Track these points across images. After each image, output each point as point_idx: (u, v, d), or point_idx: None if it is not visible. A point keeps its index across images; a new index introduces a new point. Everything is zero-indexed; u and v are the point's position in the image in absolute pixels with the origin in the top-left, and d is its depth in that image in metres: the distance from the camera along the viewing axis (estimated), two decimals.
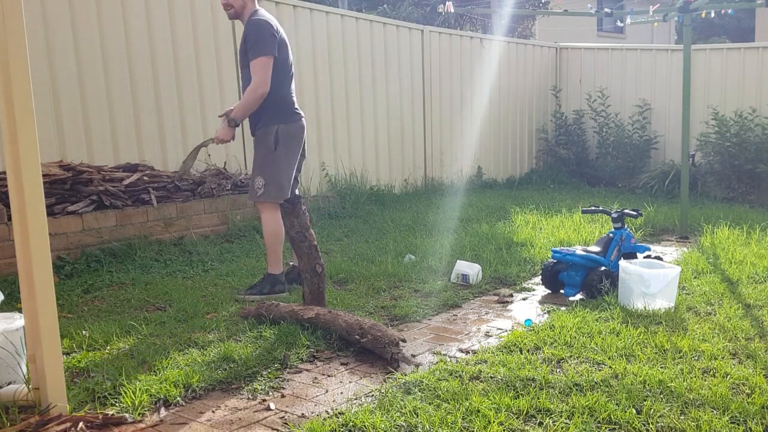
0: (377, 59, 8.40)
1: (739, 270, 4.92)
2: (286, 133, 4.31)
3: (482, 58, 9.92)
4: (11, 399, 2.56)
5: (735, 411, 2.60)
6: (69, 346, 3.27)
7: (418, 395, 2.75)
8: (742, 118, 9.18)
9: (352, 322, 3.40)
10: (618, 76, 10.63)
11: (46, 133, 5.43)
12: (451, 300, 4.33)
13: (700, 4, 6.47)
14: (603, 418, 2.54)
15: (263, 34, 4.11)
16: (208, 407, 2.76)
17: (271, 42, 4.12)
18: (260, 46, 4.09)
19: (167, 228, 5.58)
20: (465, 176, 9.70)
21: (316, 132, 7.73)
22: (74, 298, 4.27)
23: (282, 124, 4.30)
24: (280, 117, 4.29)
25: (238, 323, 3.69)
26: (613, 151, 10.44)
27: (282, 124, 4.30)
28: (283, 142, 4.30)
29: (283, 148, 4.31)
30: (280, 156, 4.31)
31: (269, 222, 4.36)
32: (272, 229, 4.37)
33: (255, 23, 4.15)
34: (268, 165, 4.30)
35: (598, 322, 3.72)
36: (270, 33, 4.13)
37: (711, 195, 9.31)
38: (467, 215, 7.30)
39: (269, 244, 4.39)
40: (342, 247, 5.89)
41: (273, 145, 4.27)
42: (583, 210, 5.20)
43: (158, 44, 6.24)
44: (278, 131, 4.28)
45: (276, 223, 4.35)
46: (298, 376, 3.09)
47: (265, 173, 4.30)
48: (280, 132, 4.29)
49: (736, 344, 3.40)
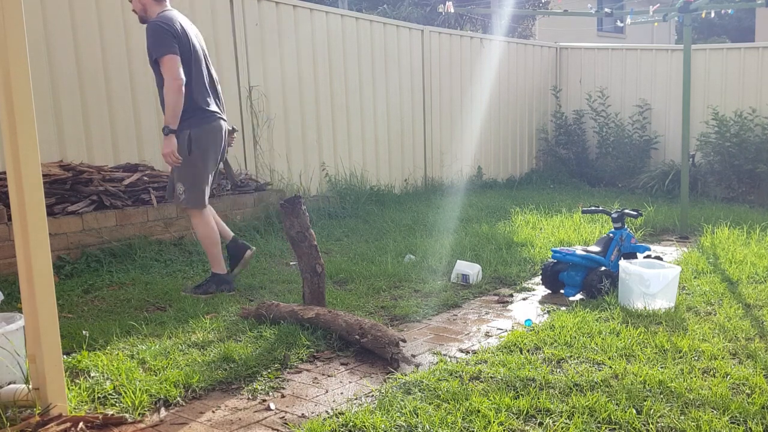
0: (377, 59, 8.40)
1: (739, 270, 4.91)
2: (199, 136, 4.23)
3: (482, 58, 9.92)
4: (11, 399, 2.56)
5: (735, 411, 2.60)
6: (69, 346, 3.27)
7: (418, 395, 2.75)
8: (742, 118, 9.18)
9: (352, 322, 3.40)
10: (618, 76, 10.63)
11: (46, 133, 5.43)
12: (451, 300, 4.33)
13: (700, 4, 6.47)
14: (603, 418, 2.54)
15: (159, 34, 4.03)
16: (208, 407, 2.76)
17: (170, 41, 4.04)
18: (159, 46, 4.03)
19: (167, 228, 5.58)
20: (465, 176, 9.70)
21: (316, 132, 7.73)
22: (74, 298, 4.27)
23: (194, 128, 4.21)
24: (191, 121, 4.20)
25: (238, 323, 3.69)
26: (613, 151, 10.43)
27: (194, 128, 4.21)
28: (197, 146, 4.22)
29: (198, 151, 4.23)
30: (196, 160, 4.24)
31: (198, 226, 4.37)
32: (203, 233, 4.38)
33: (150, 26, 4.10)
34: (187, 170, 4.24)
35: (598, 322, 3.72)
36: (167, 32, 4.05)
37: (711, 195, 9.31)
38: (467, 215, 7.30)
39: (205, 247, 4.42)
40: (342, 247, 5.89)
41: (187, 150, 4.19)
42: (583, 210, 5.21)
43: None
44: (190, 135, 4.20)
45: (206, 226, 4.36)
46: (298, 376, 3.09)
47: (184, 179, 4.26)
48: (192, 136, 4.20)
49: (736, 344, 3.40)
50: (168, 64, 4.03)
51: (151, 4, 4.19)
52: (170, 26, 4.08)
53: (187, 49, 4.17)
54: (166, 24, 4.08)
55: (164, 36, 4.04)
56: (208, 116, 4.29)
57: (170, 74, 4.03)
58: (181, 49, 4.10)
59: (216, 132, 4.33)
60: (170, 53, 4.03)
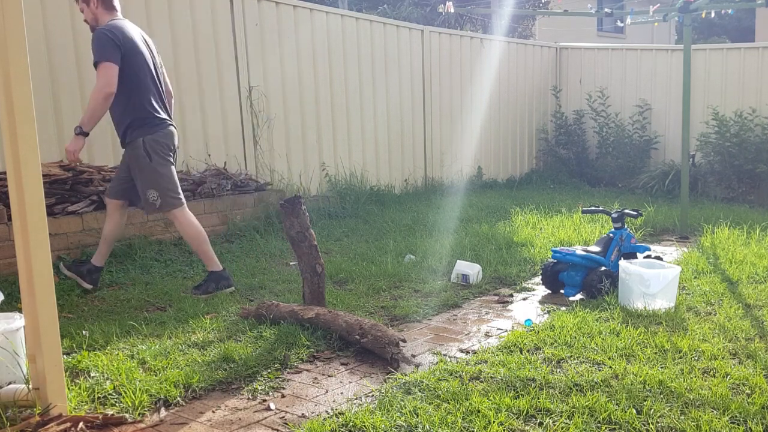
0: (377, 59, 8.40)
1: (739, 270, 4.91)
2: (154, 142, 4.24)
3: (482, 58, 9.92)
4: (11, 399, 2.56)
5: (735, 411, 2.60)
6: (69, 346, 3.27)
7: (418, 395, 2.75)
8: (742, 118, 9.18)
9: (352, 322, 3.40)
10: (618, 76, 10.63)
11: (46, 133, 5.43)
12: (451, 300, 4.33)
13: (700, 4, 6.47)
14: (603, 418, 2.54)
15: (101, 41, 4.03)
16: (208, 407, 2.76)
17: (112, 49, 4.04)
18: (100, 53, 4.02)
19: (167, 228, 5.58)
20: (465, 176, 9.70)
21: (316, 132, 7.73)
22: (74, 298, 4.27)
23: (147, 134, 4.22)
24: (143, 129, 4.21)
25: (238, 323, 3.69)
26: (613, 151, 10.43)
27: (147, 134, 4.22)
28: (154, 151, 4.24)
29: (157, 156, 4.25)
30: (158, 165, 4.25)
31: (184, 226, 4.36)
32: (190, 233, 4.37)
33: (96, 34, 4.10)
34: (153, 176, 4.25)
35: (598, 322, 3.72)
36: (110, 40, 4.04)
37: (711, 195, 9.31)
38: (467, 215, 7.30)
39: (195, 247, 4.41)
40: (342, 247, 5.89)
41: (146, 156, 4.21)
42: (583, 210, 5.21)
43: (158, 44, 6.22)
44: (145, 143, 4.21)
45: (191, 226, 4.36)
46: (298, 376, 3.09)
47: (154, 185, 4.26)
48: (147, 143, 4.22)
49: (736, 344, 3.40)
50: (103, 71, 4.02)
51: (102, 14, 4.20)
52: (114, 35, 4.08)
53: (135, 59, 4.17)
54: (110, 32, 4.07)
55: (106, 43, 4.03)
56: (159, 123, 4.29)
57: (103, 81, 4.02)
58: (126, 57, 4.10)
59: (169, 137, 4.34)
60: (108, 61, 4.02)
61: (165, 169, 4.29)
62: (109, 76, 4.02)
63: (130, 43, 4.14)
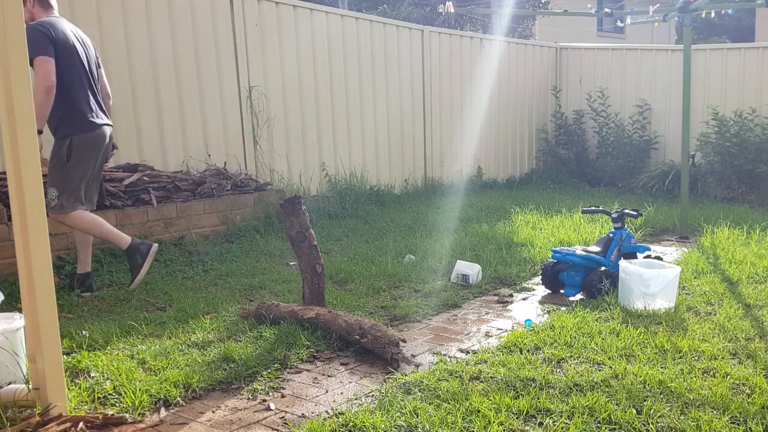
0: (377, 59, 8.40)
1: (739, 270, 4.92)
2: (81, 144, 4.21)
3: (482, 58, 9.92)
4: (11, 399, 2.56)
5: (735, 411, 2.60)
6: (69, 346, 3.27)
7: (418, 395, 2.75)
8: (742, 118, 9.18)
9: (352, 322, 3.40)
10: (618, 76, 10.63)
11: (47, 133, 5.41)
12: (451, 300, 4.33)
13: (700, 4, 6.47)
14: (603, 418, 2.54)
15: (35, 36, 3.99)
16: (208, 407, 2.76)
17: (45, 43, 4.02)
18: (34, 48, 3.95)
19: (167, 228, 5.58)
20: (465, 176, 9.70)
21: (316, 132, 7.73)
22: (74, 298, 4.27)
23: (77, 134, 4.19)
24: (74, 127, 4.19)
25: (238, 323, 3.69)
26: (613, 151, 10.44)
27: (77, 134, 4.19)
28: (77, 153, 4.21)
29: (76, 159, 4.21)
30: (72, 167, 4.22)
31: (81, 225, 4.29)
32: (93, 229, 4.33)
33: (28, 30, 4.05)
34: (61, 176, 4.21)
35: (598, 322, 3.72)
36: (42, 35, 4.03)
37: (711, 195, 9.31)
38: (467, 215, 7.30)
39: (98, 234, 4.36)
40: (342, 247, 5.89)
41: (66, 156, 4.18)
42: (583, 210, 5.21)
43: (158, 44, 6.24)
44: (72, 142, 4.19)
45: (88, 222, 4.29)
46: (298, 376, 3.09)
47: (58, 185, 4.22)
48: (74, 143, 4.19)
49: (736, 344, 3.40)
50: (39, 66, 4.00)
51: (37, 12, 4.20)
52: (47, 30, 4.07)
53: (68, 55, 4.15)
54: (43, 27, 4.07)
55: (38, 38, 4.01)
56: (91, 124, 4.26)
57: (40, 75, 4.00)
58: (59, 53, 4.08)
59: (99, 140, 4.31)
60: (42, 54, 4.00)
61: (75, 175, 4.24)
62: (46, 70, 3.99)
63: (64, 40, 4.14)
